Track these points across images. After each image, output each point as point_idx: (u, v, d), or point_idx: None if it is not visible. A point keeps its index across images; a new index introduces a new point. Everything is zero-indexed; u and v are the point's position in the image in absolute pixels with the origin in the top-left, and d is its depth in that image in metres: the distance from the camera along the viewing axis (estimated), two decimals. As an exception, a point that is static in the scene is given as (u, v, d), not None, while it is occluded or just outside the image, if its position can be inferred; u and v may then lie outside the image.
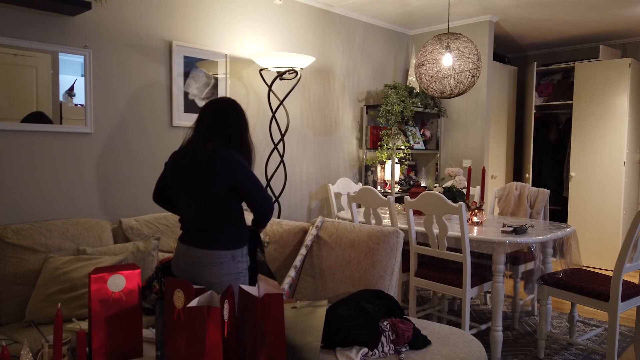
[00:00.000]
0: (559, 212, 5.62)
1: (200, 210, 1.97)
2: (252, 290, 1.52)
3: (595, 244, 5.14)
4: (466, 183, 3.45)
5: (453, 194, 3.38)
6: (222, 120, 2.04)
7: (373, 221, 3.23)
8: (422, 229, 3.04)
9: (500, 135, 5.46)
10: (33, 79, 2.61)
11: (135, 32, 3.02)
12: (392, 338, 1.89)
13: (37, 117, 2.64)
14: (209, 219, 1.97)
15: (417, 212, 3.49)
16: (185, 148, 2.06)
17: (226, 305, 1.47)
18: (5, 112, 2.53)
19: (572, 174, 5.34)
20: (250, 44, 3.68)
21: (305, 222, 3.10)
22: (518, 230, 2.87)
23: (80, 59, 2.77)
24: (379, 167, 4.71)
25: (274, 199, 2.02)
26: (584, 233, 5.13)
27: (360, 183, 4.65)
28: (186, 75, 3.26)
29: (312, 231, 2.60)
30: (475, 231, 3.02)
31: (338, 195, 4.27)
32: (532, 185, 4.91)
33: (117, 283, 1.58)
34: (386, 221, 3.28)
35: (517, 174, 5.94)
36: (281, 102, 3.61)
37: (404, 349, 1.89)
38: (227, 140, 2.02)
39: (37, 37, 2.61)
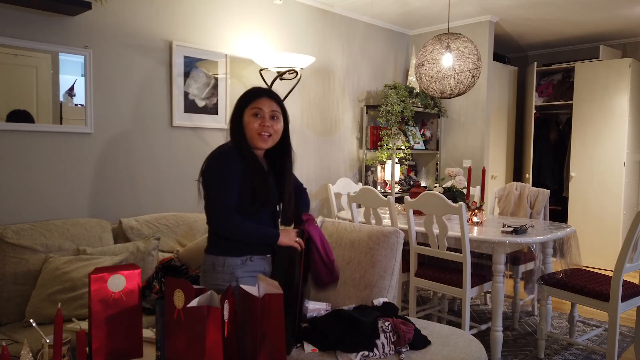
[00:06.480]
0: (559, 212, 5.62)
1: None
2: (252, 290, 1.52)
3: (595, 244, 5.14)
4: (466, 183, 3.45)
5: (453, 194, 3.38)
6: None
7: (373, 221, 3.23)
8: (422, 229, 3.04)
9: (500, 135, 5.46)
10: (33, 79, 2.61)
11: (135, 32, 3.01)
12: (393, 339, 1.89)
13: (21, 116, 2.57)
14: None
15: (417, 212, 3.49)
16: None
17: (226, 305, 1.47)
18: (4, 113, 2.53)
19: (572, 174, 5.34)
20: (250, 44, 3.68)
21: (305, 222, 3.09)
22: (518, 231, 2.87)
23: (80, 59, 2.77)
24: (379, 167, 4.71)
25: (224, 215, 1.84)
26: (584, 233, 5.13)
27: (360, 183, 4.65)
28: (186, 75, 3.26)
29: (312, 231, 2.59)
30: (475, 231, 3.02)
31: (338, 196, 4.27)
32: (532, 185, 4.90)
33: (117, 283, 1.58)
34: (386, 221, 3.28)
35: (517, 174, 5.94)
36: (281, 102, 3.61)
37: (404, 349, 1.89)
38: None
39: (37, 37, 2.61)
